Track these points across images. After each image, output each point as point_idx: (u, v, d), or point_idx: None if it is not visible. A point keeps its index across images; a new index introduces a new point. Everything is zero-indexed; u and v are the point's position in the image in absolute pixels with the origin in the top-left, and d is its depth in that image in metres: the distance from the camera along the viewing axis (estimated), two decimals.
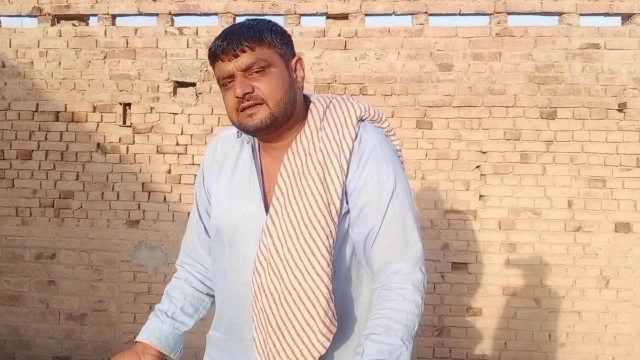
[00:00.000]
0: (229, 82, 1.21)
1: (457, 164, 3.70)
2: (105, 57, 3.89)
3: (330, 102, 1.30)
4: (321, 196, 1.19)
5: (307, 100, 1.32)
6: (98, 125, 3.94)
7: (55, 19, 3.97)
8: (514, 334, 3.73)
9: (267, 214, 1.24)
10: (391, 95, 3.70)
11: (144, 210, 3.91)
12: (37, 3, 3.92)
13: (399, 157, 1.35)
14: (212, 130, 3.82)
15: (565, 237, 3.66)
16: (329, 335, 1.20)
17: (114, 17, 3.91)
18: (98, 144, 3.95)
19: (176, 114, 3.85)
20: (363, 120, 1.29)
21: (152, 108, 3.87)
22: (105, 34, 3.89)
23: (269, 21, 1.26)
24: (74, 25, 3.98)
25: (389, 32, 3.66)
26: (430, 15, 3.65)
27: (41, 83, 3.96)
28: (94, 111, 3.93)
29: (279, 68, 1.21)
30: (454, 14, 3.63)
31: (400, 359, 1.13)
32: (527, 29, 3.61)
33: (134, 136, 3.91)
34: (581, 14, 3.60)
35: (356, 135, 1.24)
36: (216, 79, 1.25)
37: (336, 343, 1.24)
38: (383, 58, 3.67)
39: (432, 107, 3.68)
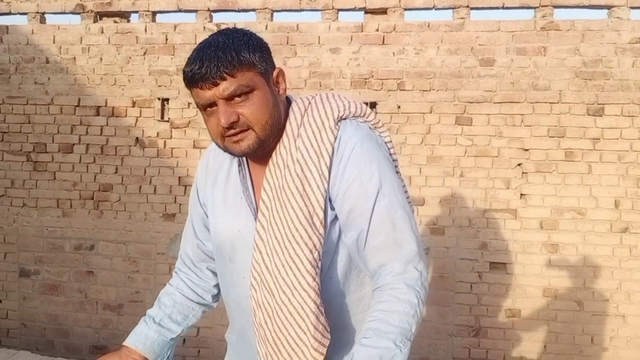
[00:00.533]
0: (211, 107, 1.11)
1: (498, 161, 3.49)
2: (145, 53, 3.85)
3: (309, 103, 1.20)
4: (301, 209, 1.12)
5: (289, 103, 1.22)
6: (137, 120, 3.90)
7: (98, 16, 3.89)
8: (554, 336, 3.53)
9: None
10: (430, 90, 3.51)
11: (180, 204, 3.84)
12: (80, 0, 3.90)
13: (388, 150, 1.24)
14: None
15: (611, 238, 3.42)
16: (322, 349, 1.14)
17: (154, 13, 3.82)
18: (137, 138, 3.91)
19: None
20: (345, 119, 1.18)
21: (189, 103, 3.79)
22: (146, 30, 3.82)
23: (245, 33, 1.14)
24: (115, 22, 3.94)
25: (428, 26, 3.46)
26: (472, 9, 3.41)
27: (83, 78, 3.93)
28: (133, 106, 3.87)
29: (261, 90, 1.12)
30: (496, 8, 3.39)
31: None
32: (574, 23, 3.34)
33: (171, 131, 3.85)
34: (632, 7, 3.35)
35: (335, 137, 1.14)
36: (195, 103, 1.14)
37: (342, 347, 1.19)
38: (422, 53, 3.47)
39: (472, 103, 3.47)
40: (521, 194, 3.49)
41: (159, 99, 3.80)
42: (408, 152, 3.57)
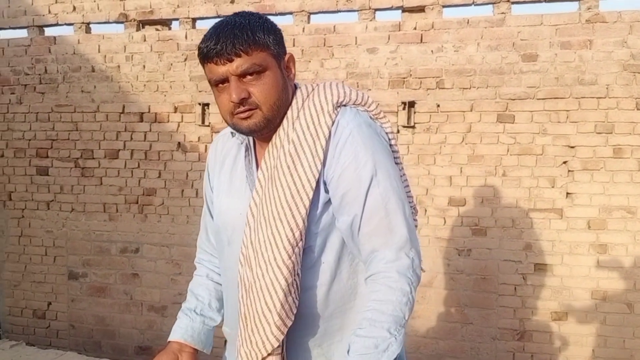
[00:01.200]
0: (222, 84, 1.15)
1: (542, 159, 3.39)
2: (185, 60, 3.91)
3: (313, 89, 1.23)
4: (289, 188, 1.14)
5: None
6: (179, 125, 3.97)
7: (140, 24, 3.99)
8: (603, 340, 3.38)
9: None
10: (470, 88, 3.43)
11: None
12: (124, 10, 3.99)
13: (388, 140, 1.25)
14: None
15: None
16: (283, 328, 1.15)
17: (194, 20, 3.88)
18: (179, 143, 3.98)
19: None
20: (345, 105, 1.20)
21: None
22: (186, 37, 3.90)
23: (260, 17, 1.18)
24: (157, 29, 4.03)
25: (467, 23, 3.39)
26: (513, 3, 3.32)
27: (127, 86, 4.04)
28: (175, 112, 3.95)
29: (273, 71, 1.16)
30: (539, 1, 3.29)
31: (388, 350, 1.06)
32: (621, 14, 3.20)
33: (212, 135, 3.89)
34: None
35: (333, 122, 1.16)
36: (207, 79, 1.18)
37: (333, 333, 1.21)
38: (461, 50, 3.39)
39: (514, 99, 3.38)
40: (567, 193, 3.37)
41: (199, 104, 3.86)
42: (448, 152, 3.50)
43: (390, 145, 1.25)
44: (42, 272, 4.33)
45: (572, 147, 3.34)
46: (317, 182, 1.15)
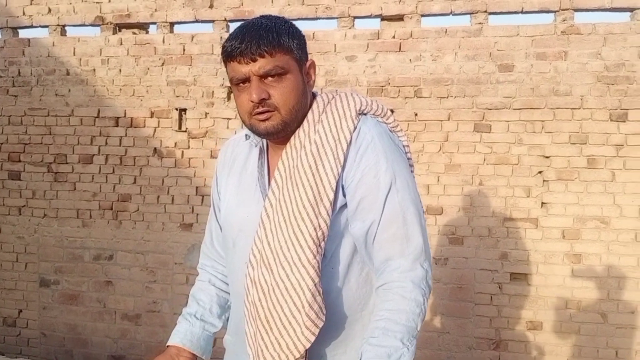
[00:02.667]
0: (244, 83, 1.16)
1: (518, 169, 3.41)
2: (163, 64, 3.86)
3: (334, 97, 1.24)
4: (311, 187, 1.15)
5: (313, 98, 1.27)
6: (155, 131, 3.92)
7: (117, 28, 3.93)
8: (578, 350, 3.40)
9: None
10: (447, 97, 3.45)
11: (197, 214, 3.83)
12: (100, 12, 3.92)
13: (405, 153, 1.27)
14: None
15: (636, 247, 3.27)
16: (314, 329, 1.14)
17: (172, 24, 3.85)
18: (155, 148, 3.92)
19: (230, 119, 3.73)
20: (365, 114, 1.22)
21: (206, 113, 3.80)
22: (164, 41, 3.84)
23: (286, 21, 1.20)
24: (134, 33, 3.98)
25: (445, 32, 3.41)
26: (490, 14, 3.36)
27: (102, 90, 3.97)
28: (151, 117, 3.89)
29: (294, 75, 1.17)
30: (515, 12, 3.33)
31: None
32: (596, 26, 3.26)
33: (189, 141, 3.85)
34: None
35: (355, 127, 1.18)
36: (229, 78, 1.19)
37: (340, 343, 1.20)
38: (439, 59, 3.42)
39: (491, 109, 3.40)
40: (542, 203, 3.40)
41: (176, 109, 3.82)
42: (425, 160, 3.52)
43: (408, 158, 1.27)
44: (13, 278, 4.22)
45: (547, 157, 3.38)
46: (336, 185, 1.15)
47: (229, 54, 1.15)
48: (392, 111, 3.40)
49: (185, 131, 3.84)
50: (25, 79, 4.07)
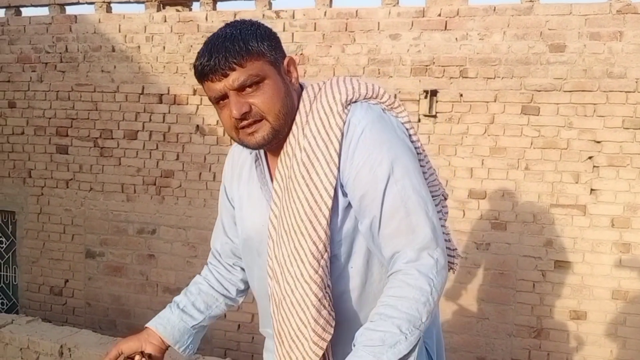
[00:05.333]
0: (223, 100, 1.14)
1: (567, 154, 3.43)
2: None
3: (320, 89, 1.20)
4: (307, 199, 1.13)
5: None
6: (197, 108, 4.13)
7: (161, 5, 4.12)
8: (622, 342, 3.44)
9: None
10: (494, 78, 3.48)
11: None
12: None
13: (406, 131, 1.22)
14: None
15: None
16: (322, 344, 1.15)
17: (214, 2, 3.99)
18: (197, 125, 4.14)
19: None
20: (356, 102, 1.17)
21: None
22: (207, 18, 4.00)
23: (253, 24, 1.16)
24: (177, 10, 4.17)
25: (494, 10, 3.42)
26: None
27: (147, 66, 4.18)
28: (194, 94, 4.10)
29: (272, 79, 1.14)
30: None
31: (395, 348, 1.01)
32: None
33: None
34: None
35: (344, 122, 1.14)
36: (207, 98, 1.17)
37: None
38: (487, 38, 3.45)
39: (540, 91, 3.43)
40: (591, 189, 3.43)
41: None
42: (470, 143, 3.59)
43: (410, 136, 1.22)
44: (60, 249, 4.57)
45: (598, 142, 3.39)
46: (335, 188, 1.13)
47: (201, 74, 1.12)
48: (434, 93, 3.48)
49: None
50: (72, 55, 4.34)
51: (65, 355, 3.51)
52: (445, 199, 1.36)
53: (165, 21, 4.10)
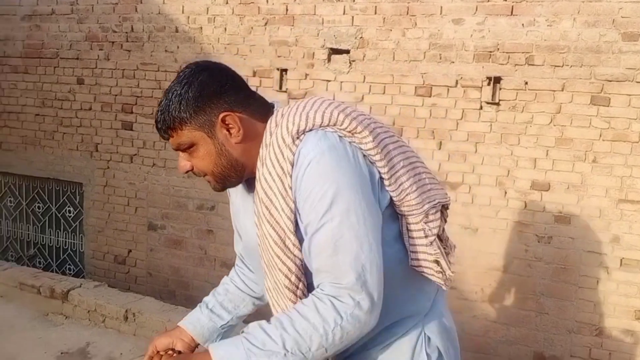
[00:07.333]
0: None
1: (638, 147, 3.34)
2: (266, 24, 4.20)
3: (282, 116, 1.24)
4: (271, 236, 1.22)
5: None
6: (257, 90, 4.29)
7: None
8: None
9: None
10: (562, 66, 3.46)
11: None
12: None
13: (366, 159, 1.21)
14: (362, 98, 3.95)
15: None
16: None
17: None
18: None
19: (329, 80, 4.01)
20: (310, 131, 1.20)
21: (306, 74, 4.12)
22: (267, 1, 4.14)
23: (183, 86, 1.23)
24: None
25: None
26: None
27: (209, 47, 4.41)
28: (253, 76, 4.27)
29: (202, 143, 1.25)
30: None
31: (270, 358, 1.10)
32: None
33: (288, 101, 4.17)
34: None
35: (293, 153, 1.19)
36: None
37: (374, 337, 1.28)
38: (555, 25, 3.41)
39: (611, 81, 3.37)
40: None
41: (277, 69, 4.19)
42: (534, 133, 3.61)
43: (372, 162, 1.22)
44: (124, 221, 4.97)
45: None
46: (296, 220, 1.21)
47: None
48: (497, 80, 3.50)
49: (286, 91, 4.22)
50: (137, 34, 4.65)
51: (130, 320, 3.88)
52: (447, 208, 1.38)
53: (226, 3, 4.30)
